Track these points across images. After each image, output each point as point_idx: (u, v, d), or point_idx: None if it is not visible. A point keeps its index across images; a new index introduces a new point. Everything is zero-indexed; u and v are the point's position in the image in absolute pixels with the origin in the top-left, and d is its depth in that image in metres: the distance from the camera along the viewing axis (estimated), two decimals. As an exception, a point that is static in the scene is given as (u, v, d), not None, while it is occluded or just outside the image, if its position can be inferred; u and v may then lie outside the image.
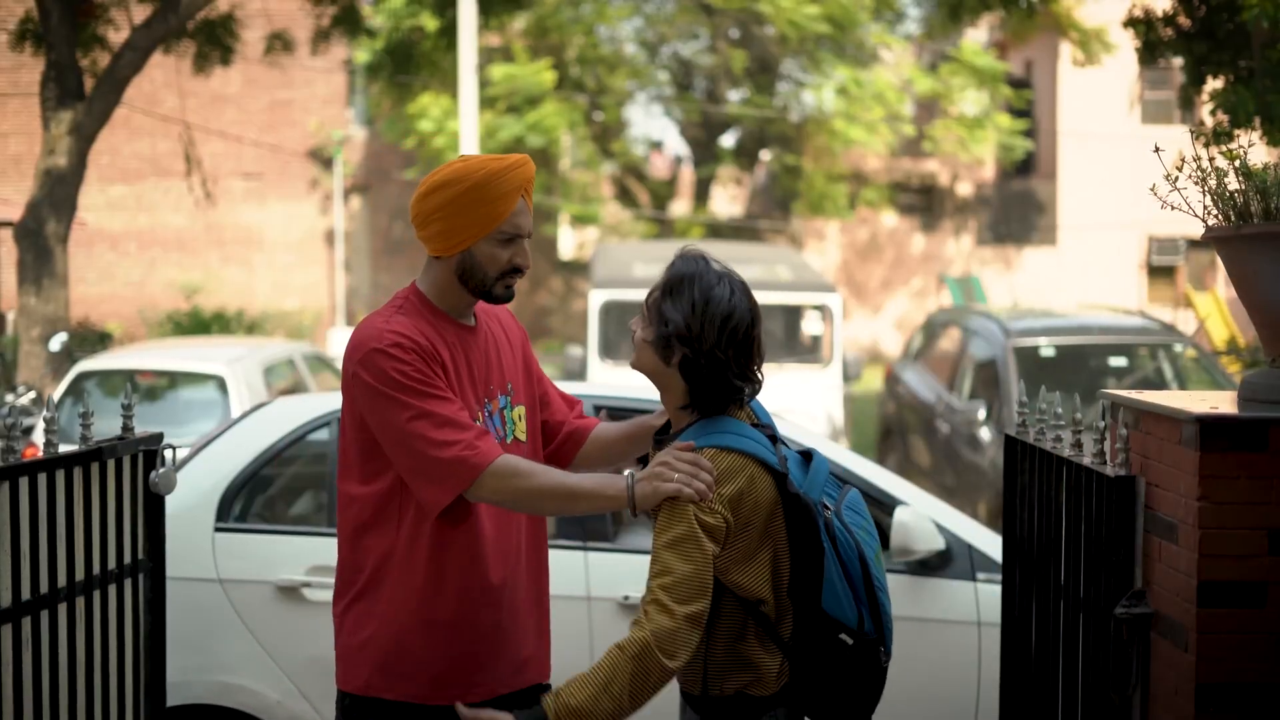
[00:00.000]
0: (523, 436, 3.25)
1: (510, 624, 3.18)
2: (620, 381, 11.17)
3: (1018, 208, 28.65)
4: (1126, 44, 18.97)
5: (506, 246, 3.13)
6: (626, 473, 2.94)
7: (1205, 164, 3.23)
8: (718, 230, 26.86)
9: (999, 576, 4.52)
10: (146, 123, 23.39)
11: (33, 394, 10.99)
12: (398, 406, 2.99)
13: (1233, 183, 3.22)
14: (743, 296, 2.94)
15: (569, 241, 32.90)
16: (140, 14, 13.53)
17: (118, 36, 13.84)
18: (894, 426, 12.92)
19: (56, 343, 12.30)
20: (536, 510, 3.12)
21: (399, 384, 2.99)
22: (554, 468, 3.13)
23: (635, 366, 3.03)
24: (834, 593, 2.91)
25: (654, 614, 2.79)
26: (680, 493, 2.81)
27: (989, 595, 4.58)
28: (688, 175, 31.89)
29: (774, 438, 3.01)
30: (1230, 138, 8.19)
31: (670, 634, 2.77)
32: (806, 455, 3.06)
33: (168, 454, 3.92)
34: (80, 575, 3.60)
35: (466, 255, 3.13)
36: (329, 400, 4.89)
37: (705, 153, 27.33)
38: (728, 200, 35.96)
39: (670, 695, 3.05)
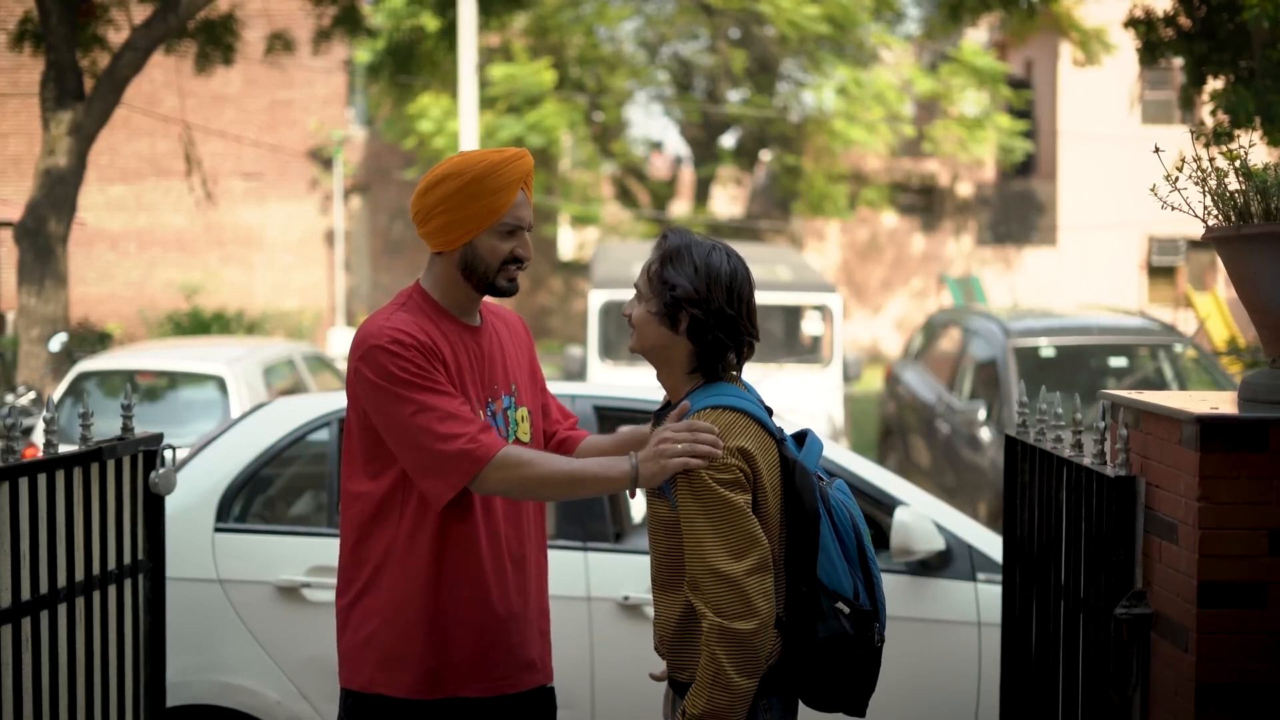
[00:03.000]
0: (525, 438, 3.26)
1: (511, 623, 3.19)
2: (620, 381, 11.18)
3: (1018, 208, 28.65)
4: (1127, 44, 18.99)
5: (508, 238, 3.16)
6: (630, 454, 2.96)
7: (1205, 164, 3.23)
8: (718, 230, 26.84)
9: (999, 577, 4.51)
10: (146, 123, 23.38)
11: (33, 394, 10.98)
12: (400, 402, 3.01)
13: (1233, 183, 3.22)
14: (738, 260, 3.00)
15: (569, 241, 32.90)
16: (140, 14, 13.53)
17: (118, 36, 13.83)
18: (894, 427, 12.92)
19: (56, 343, 12.29)
20: (542, 497, 3.15)
21: (401, 380, 3.02)
22: (557, 455, 3.15)
23: (636, 346, 3.04)
24: (829, 561, 2.91)
25: (709, 588, 2.79)
26: (688, 463, 2.82)
27: (989, 595, 4.58)
28: (688, 175, 31.89)
29: (768, 410, 3.04)
30: (1230, 138, 8.18)
31: (734, 596, 2.78)
32: (800, 436, 3.10)
33: (168, 454, 3.92)
34: (80, 575, 3.60)
35: (469, 249, 3.15)
36: (329, 400, 4.89)
37: (705, 153, 27.33)
38: (728, 200, 35.97)
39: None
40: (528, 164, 3.17)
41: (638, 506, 6.06)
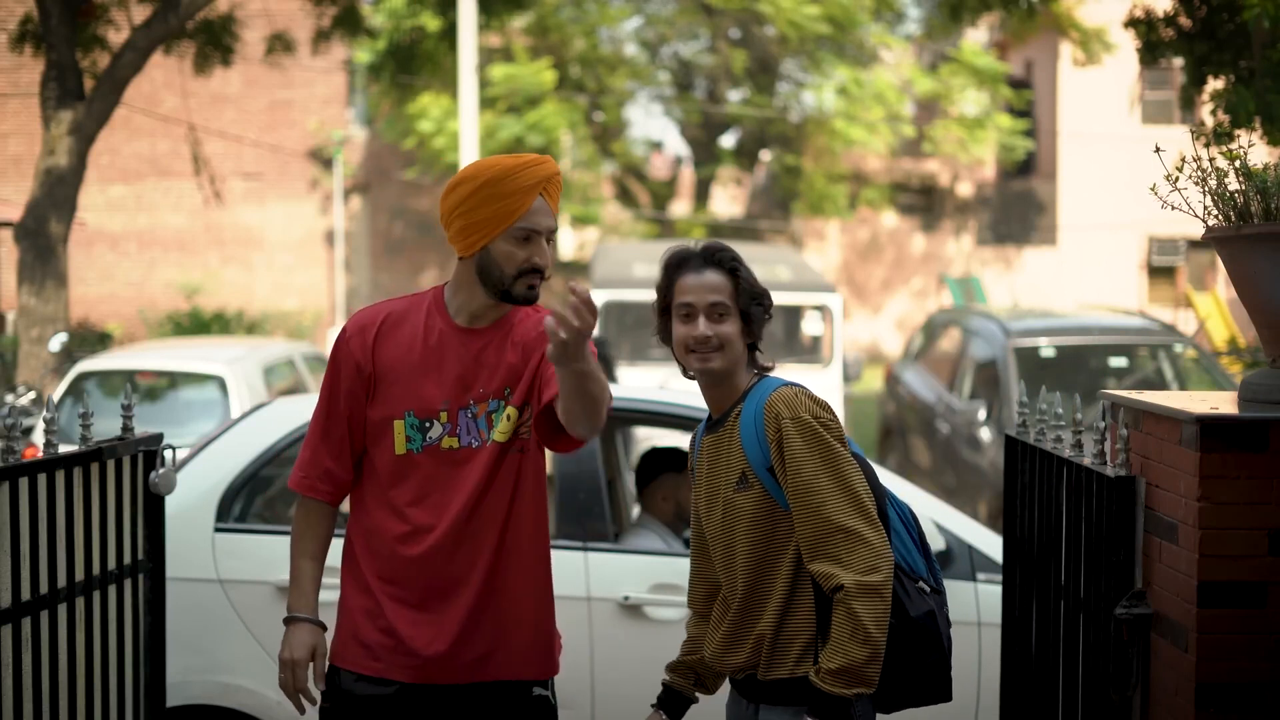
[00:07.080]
0: (502, 438, 3.19)
1: (448, 617, 3.17)
2: (620, 381, 11.17)
3: (1018, 208, 28.64)
4: (1127, 44, 18.98)
5: (524, 245, 3.14)
6: (308, 616, 3.29)
7: (1205, 164, 3.23)
8: (718, 230, 26.83)
9: (999, 577, 4.51)
10: (146, 123, 23.37)
11: (33, 394, 10.98)
12: (324, 382, 3.30)
13: (1233, 183, 3.22)
14: None
15: (569, 241, 32.88)
16: (140, 14, 13.52)
17: (118, 37, 13.83)
18: (894, 427, 12.92)
19: (56, 343, 12.28)
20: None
21: (329, 366, 3.29)
22: (314, 549, 3.32)
23: (726, 364, 3.02)
24: (902, 543, 2.97)
25: (838, 546, 2.82)
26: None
27: (989, 595, 4.58)
28: (688, 175, 31.86)
29: None
30: (1231, 138, 8.17)
31: (866, 550, 2.82)
32: None
33: (168, 454, 3.92)
34: (80, 575, 3.60)
35: (484, 254, 3.15)
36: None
37: (705, 153, 27.32)
38: (728, 200, 35.94)
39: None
40: (547, 170, 3.14)
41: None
